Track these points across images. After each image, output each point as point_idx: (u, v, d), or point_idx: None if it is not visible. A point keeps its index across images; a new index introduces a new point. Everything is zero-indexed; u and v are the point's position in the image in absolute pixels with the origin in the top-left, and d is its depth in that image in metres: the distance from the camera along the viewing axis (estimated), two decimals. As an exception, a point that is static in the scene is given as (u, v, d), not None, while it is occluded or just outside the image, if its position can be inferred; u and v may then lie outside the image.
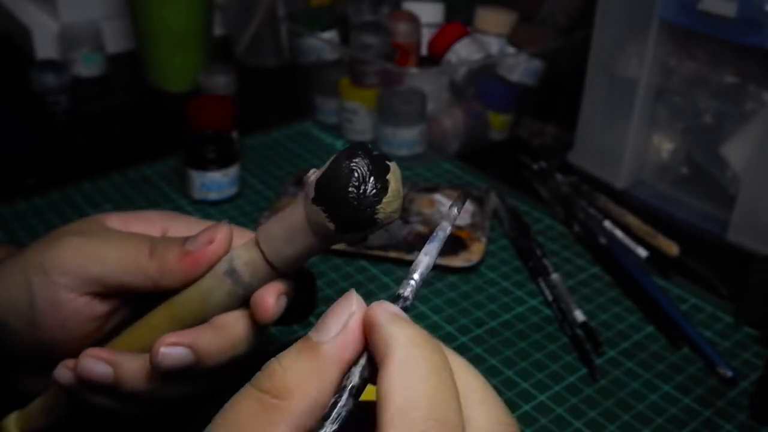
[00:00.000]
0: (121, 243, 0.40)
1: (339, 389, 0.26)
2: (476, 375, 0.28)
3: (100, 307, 0.40)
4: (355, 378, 0.26)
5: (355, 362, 0.27)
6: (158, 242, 0.40)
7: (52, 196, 0.70)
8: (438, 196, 0.70)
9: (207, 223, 0.45)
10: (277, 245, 0.36)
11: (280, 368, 0.26)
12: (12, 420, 0.42)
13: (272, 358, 0.27)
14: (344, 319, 0.27)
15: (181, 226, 0.44)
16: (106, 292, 0.40)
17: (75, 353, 0.42)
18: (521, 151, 0.81)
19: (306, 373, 0.26)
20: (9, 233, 0.65)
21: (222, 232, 0.39)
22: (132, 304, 0.42)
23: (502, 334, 0.56)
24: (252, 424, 0.26)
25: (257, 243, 0.37)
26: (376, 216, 0.33)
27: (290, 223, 0.35)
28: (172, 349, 0.37)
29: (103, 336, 0.42)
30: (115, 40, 1.05)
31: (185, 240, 0.39)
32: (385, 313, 0.27)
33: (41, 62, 0.88)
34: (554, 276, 0.61)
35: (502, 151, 0.84)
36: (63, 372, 0.40)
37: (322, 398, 0.26)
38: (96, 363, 0.39)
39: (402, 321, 0.27)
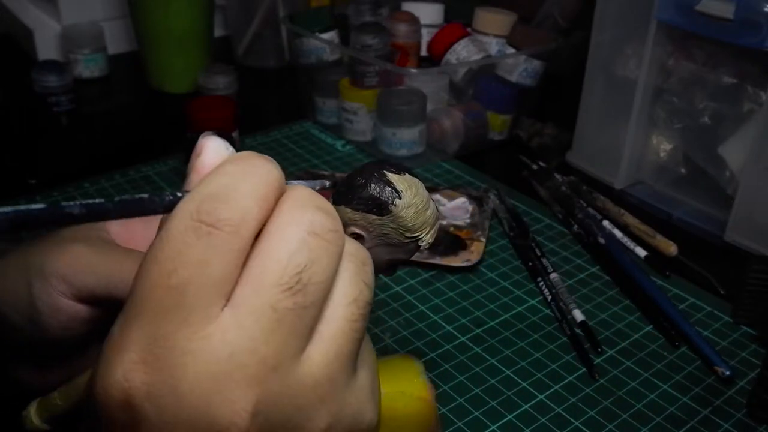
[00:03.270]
0: (117, 257, 0.40)
1: None
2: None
3: (98, 312, 0.41)
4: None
5: None
6: None
7: (54, 196, 0.71)
8: (437, 197, 0.70)
9: None
10: None
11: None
12: (33, 409, 0.43)
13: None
14: (192, 161, 0.28)
15: None
16: (98, 301, 0.40)
17: (74, 350, 0.43)
18: (520, 151, 0.82)
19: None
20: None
21: None
22: None
23: (502, 333, 0.56)
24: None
25: None
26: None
27: None
28: None
29: (102, 334, 0.43)
30: (116, 41, 1.05)
31: None
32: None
33: (43, 63, 0.88)
34: (553, 276, 0.61)
35: (502, 152, 0.84)
36: None
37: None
38: None
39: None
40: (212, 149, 0.28)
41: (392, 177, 0.33)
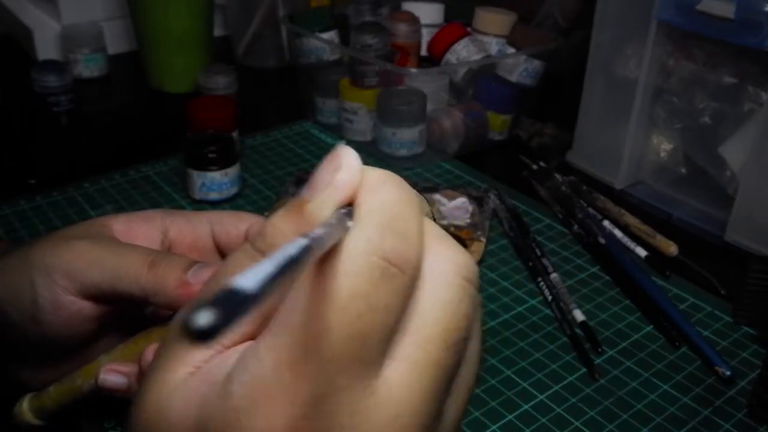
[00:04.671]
0: (123, 251, 0.40)
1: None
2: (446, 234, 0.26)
3: (100, 309, 0.41)
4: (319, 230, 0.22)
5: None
6: (162, 257, 0.40)
7: (54, 195, 0.71)
8: (438, 197, 0.70)
9: (203, 219, 0.45)
10: None
11: (270, 227, 0.25)
12: (26, 404, 0.43)
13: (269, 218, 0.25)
14: (329, 176, 0.24)
15: (179, 223, 0.45)
16: (102, 297, 0.40)
17: (74, 349, 0.43)
18: (520, 151, 0.81)
19: (290, 233, 0.24)
20: (11, 233, 0.65)
21: None
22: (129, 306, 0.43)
23: (502, 333, 0.56)
24: None
25: None
26: None
27: None
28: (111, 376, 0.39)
29: (101, 333, 0.43)
30: (116, 41, 1.05)
31: (188, 266, 0.39)
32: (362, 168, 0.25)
33: (43, 63, 0.88)
34: (553, 276, 0.61)
35: (502, 152, 0.84)
36: (114, 378, 0.40)
37: None
38: None
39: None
40: (355, 167, 0.24)
41: None
